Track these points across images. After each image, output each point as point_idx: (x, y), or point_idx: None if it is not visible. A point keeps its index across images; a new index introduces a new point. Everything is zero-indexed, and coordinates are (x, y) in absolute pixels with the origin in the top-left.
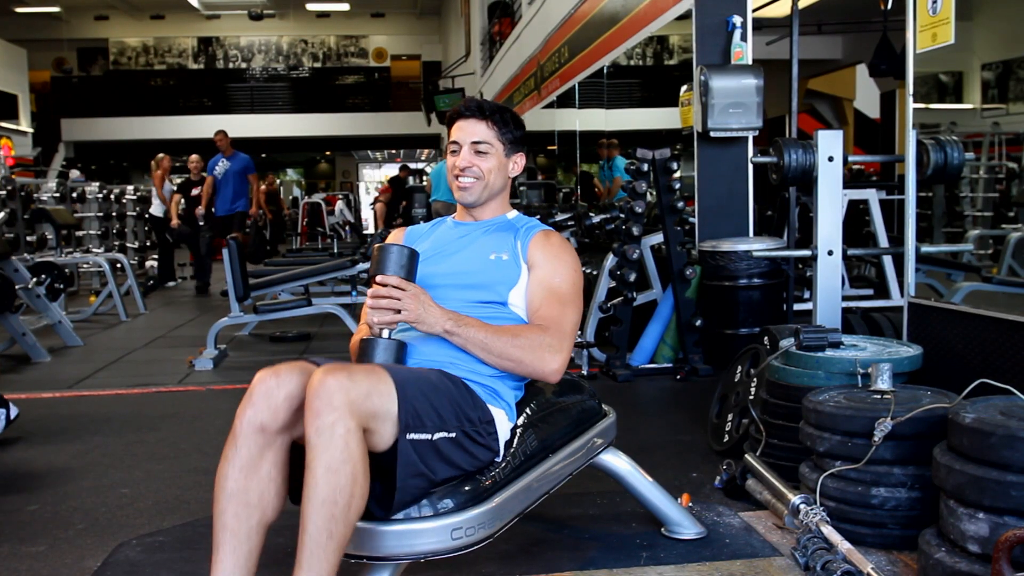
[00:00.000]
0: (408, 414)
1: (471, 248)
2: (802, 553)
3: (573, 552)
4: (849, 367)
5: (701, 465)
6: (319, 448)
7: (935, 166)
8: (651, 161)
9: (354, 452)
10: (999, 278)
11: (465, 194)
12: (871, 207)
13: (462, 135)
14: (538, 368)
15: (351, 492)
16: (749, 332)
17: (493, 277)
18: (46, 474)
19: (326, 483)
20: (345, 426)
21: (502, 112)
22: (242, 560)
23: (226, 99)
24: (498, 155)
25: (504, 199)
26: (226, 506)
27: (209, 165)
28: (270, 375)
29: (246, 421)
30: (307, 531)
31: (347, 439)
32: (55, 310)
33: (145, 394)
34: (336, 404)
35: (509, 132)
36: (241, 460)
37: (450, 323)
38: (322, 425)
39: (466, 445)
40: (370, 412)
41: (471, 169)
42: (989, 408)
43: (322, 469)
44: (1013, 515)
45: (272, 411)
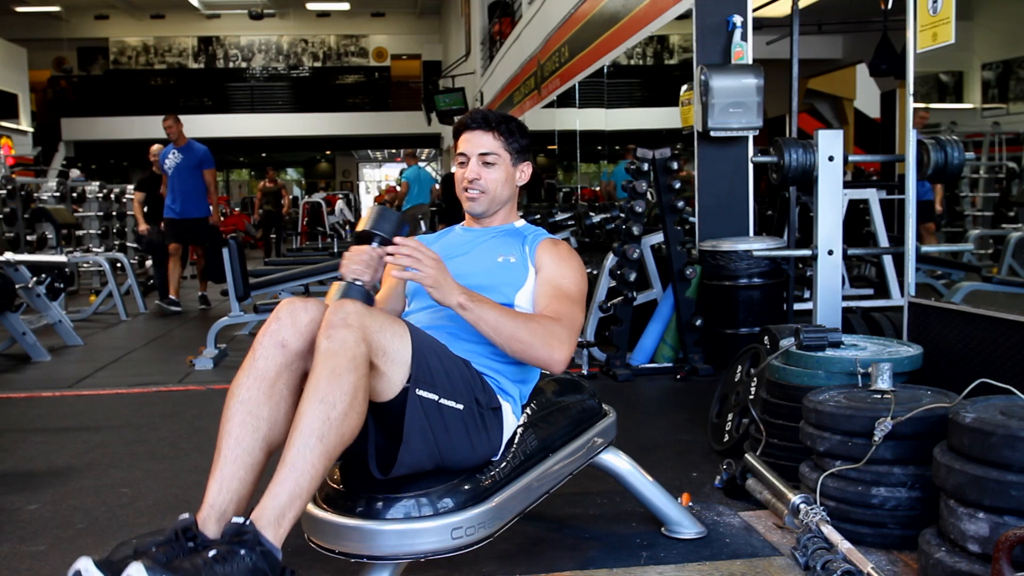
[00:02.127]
0: (419, 367)
1: (478, 250)
2: (802, 553)
3: (573, 551)
4: (849, 367)
5: (701, 465)
6: (327, 353)
7: (935, 166)
8: (651, 161)
9: (360, 366)
10: (999, 278)
11: (474, 205)
12: (871, 207)
13: (469, 147)
14: (544, 355)
15: (349, 402)
16: (749, 332)
17: (500, 279)
18: (46, 473)
19: (328, 384)
20: (356, 342)
21: (508, 122)
22: (240, 471)
23: (226, 98)
24: (505, 165)
25: (512, 208)
26: (234, 413)
27: (159, 158)
28: (298, 300)
29: (269, 334)
30: (299, 429)
31: (355, 352)
32: (55, 309)
33: (145, 393)
34: (351, 323)
35: (516, 141)
36: (257, 371)
37: (464, 297)
38: (334, 333)
39: (471, 425)
40: (381, 346)
41: (479, 182)
42: (989, 408)
43: (327, 371)
44: (1013, 515)
45: (296, 330)
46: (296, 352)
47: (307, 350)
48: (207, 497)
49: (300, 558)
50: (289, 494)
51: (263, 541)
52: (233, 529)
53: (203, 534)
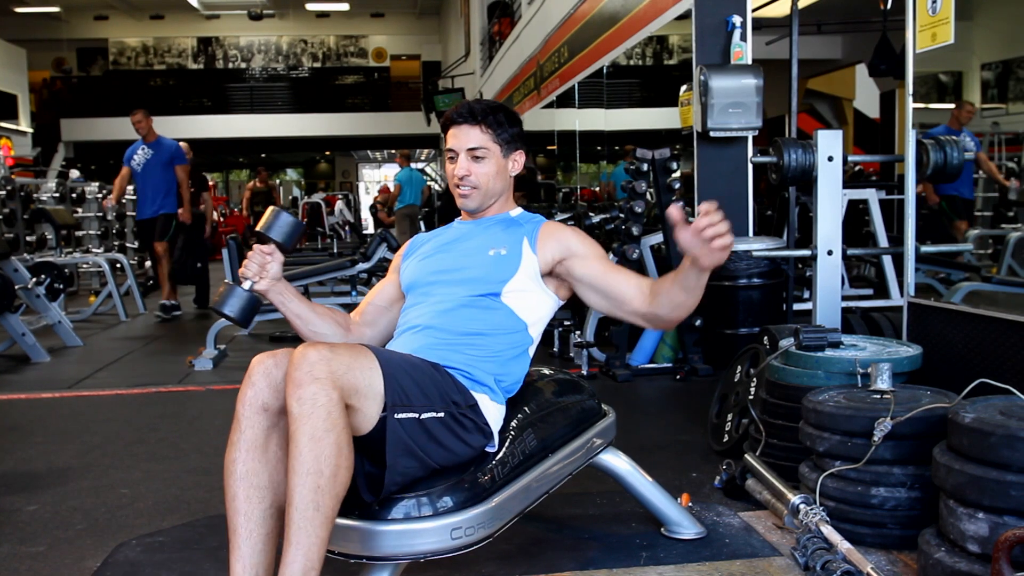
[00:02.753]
0: (394, 392)
1: (471, 244)
2: (802, 553)
3: (573, 552)
4: (849, 367)
5: (701, 465)
6: (301, 418)
7: (935, 166)
8: (651, 161)
9: (337, 422)
10: (999, 278)
11: (467, 201)
12: (871, 207)
13: (457, 142)
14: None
15: (336, 463)
16: (749, 332)
17: (489, 272)
18: (46, 474)
19: (310, 452)
20: (327, 395)
21: (495, 112)
22: (259, 544)
23: (226, 99)
24: (496, 158)
25: (508, 198)
26: (237, 490)
27: (126, 154)
28: (267, 357)
29: (247, 402)
30: (293, 504)
31: (329, 408)
32: (55, 310)
33: (145, 394)
34: (317, 374)
35: (505, 132)
36: (247, 442)
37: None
38: (304, 395)
39: (455, 428)
40: (352, 386)
41: (469, 178)
42: (989, 408)
43: (305, 438)
44: (1013, 515)
45: (273, 390)
46: (278, 411)
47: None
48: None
49: None
50: (302, 570)
51: None
52: None
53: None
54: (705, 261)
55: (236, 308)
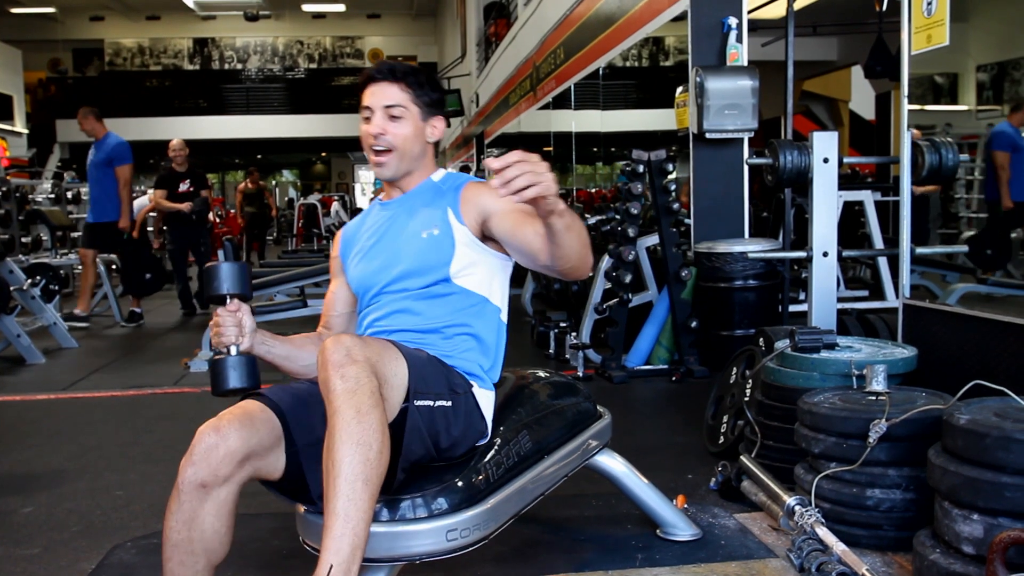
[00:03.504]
0: (416, 380)
1: (404, 231)
2: (797, 555)
3: (569, 554)
4: (844, 368)
5: (697, 467)
6: (347, 393)
7: (930, 167)
8: (647, 162)
9: (379, 401)
10: (994, 279)
11: (382, 170)
12: (866, 208)
13: (374, 99)
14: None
15: (382, 439)
16: (744, 333)
17: (429, 258)
18: (41, 476)
19: (359, 426)
20: (369, 377)
21: (416, 74)
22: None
23: (222, 100)
24: (414, 119)
25: (428, 166)
26: (172, 555)
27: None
28: (211, 431)
29: (187, 479)
30: (342, 475)
31: (371, 388)
32: (50, 312)
33: (140, 396)
34: (356, 357)
35: (425, 94)
36: (184, 514)
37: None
38: (348, 373)
39: (459, 415)
40: (384, 375)
41: (384, 137)
42: (983, 410)
43: (352, 411)
44: (1007, 516)
45: (212, 469)
46: (216, 484)
47: (231, 474)
48: None
49: (295, 560)
50: (351, 546)
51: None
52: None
53: None
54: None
55: (239, 378)
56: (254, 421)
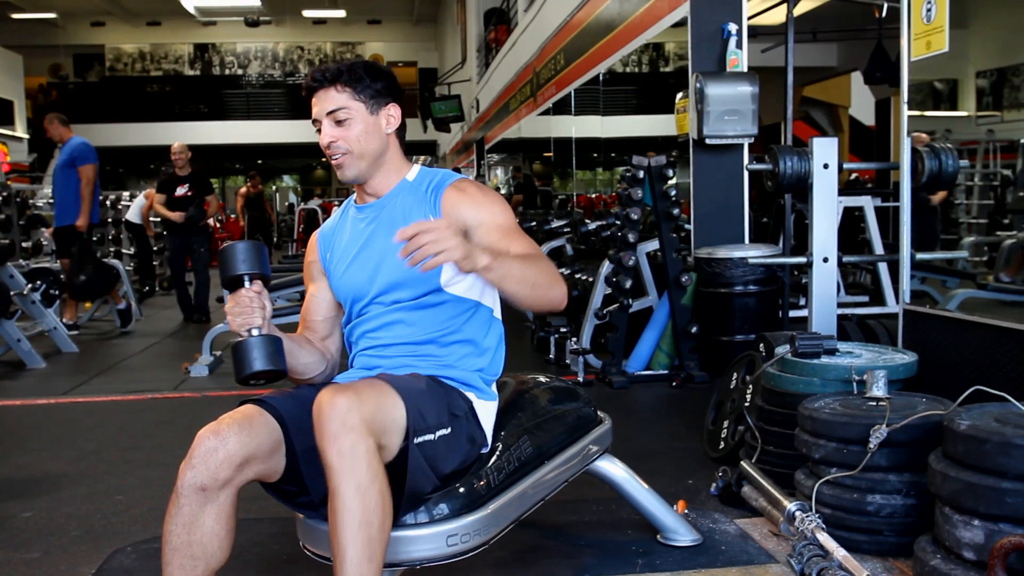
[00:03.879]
0: (415, 418)
1: (382, 244)
2: (798, 560)
3: (569, 559)
4: (844, 374)
5: (697, 472)
6: (344, 471)
7: (930, 173)
8: (647, 168)
9: (378, 471)
10: (994, 285)
11: (343, 171)
12: (866, 214)
13: (317, 109)
14: (560, 293)
15: (383, 511)
16: (745, 339)
17: (417, 271)
18: (41, 480)
19: (359, 505)
20: (365, 445)
21: (351, 69)
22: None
23: (222, 105)
24: (361, 117)
25: (395, 160)
26: (171, 559)
27: None
28: (210, 435)
29: (186, 482)
30: (347, 559)
31: (369, 459)
32: (50, 316)
33: (140, 400)
34: (352, 424)
35: (367, 88)
36: (183, 518)
37: (487, 257)
38: (343, 447)
39: (461, 438)
40: (382, 428)
41: (337, 144)
42: (984, 415)
43: (352, 491)
44: (1008, 522)
45: (211, 473)
46: (216, 488)
47: (230, 477)
48: None
49: (295, 565)
50: None
51: None
52: None
53: None
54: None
55: (265, 359)
56: (254, 425)
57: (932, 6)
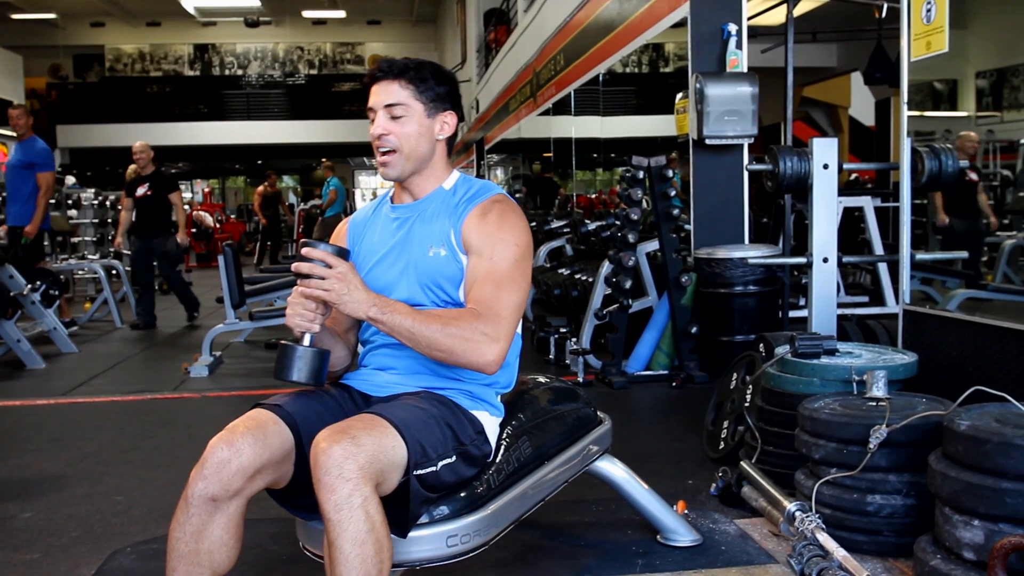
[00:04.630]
0: (415, 452)
1: (411, 244)
2: (798, 560)
3: (569, 560)
4: (844, 374)
5: (697, 472)
6: (341, 524)
7: (930, 174)
8: (647, 168)
9: (375, 520)
10: (994, 285)
11: (387, 170)
12: (866, 214)
13: (376, 99)
14: (472, 360)
15: (381, 559)
16: (745, 339)
17: (438, 276)
18: (40, 481)
19: (356, 557)
20: (362, 495)
21: (419, 68)
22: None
23: (222, 106)
24: (418, 117)
25: (438, 166)
26: (176, 566)
27: None
28: (224, 445)
29: (197, 492)
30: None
31: (366, 508)
32: (50, 317)
33: (140, 401)
34: (348, 475)
35: (429, 90)
36: (192, 527)
37: (375, 309)
38: (340, 500)
39: (464, 462)
40: (379, 471)
41: (388, 137)
42: (984, 415)
43: (349, 544)
44: (1008, 522)
45: (223, 484)
46: (227, 498)
47: (242, 488)
48: None
49: (296, 565)
50: None
51: None
52: None
53: None
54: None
55: (307, 373)
56: (267, 434)
57: (932, 6)
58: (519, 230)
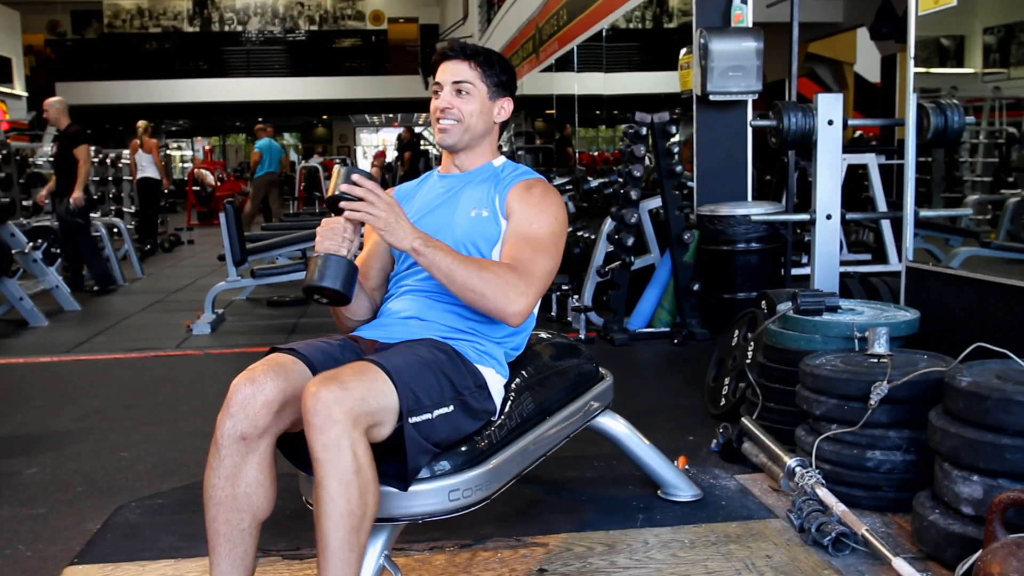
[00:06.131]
0: (408, 400)
1: (455, 205)
2: (797, 515)
3: (570, 514)
4: (846, 331)
5: (698, 428)
6: (328, 464)
7: (935, 130)
8: (650, 125)
9: (363, 461)
10: (997, 243)
11: (445, 136)
12: (870, 172)
13: (444, 76)
14: (500, 306)
15: (366, 501)
16: (747, 296)
17: (474, 234)
18: (45, 438)
19: (342, 497)
20: (350, 437)
21: (487, 54)
22: (238, 560)
23: (222, 62)
24: (481, 97)
25: (490, 145)
26: (216, 513)
27: None
28: (246, 382)
29: (226, 432)
30: (329, 548)
31: (354, 449)
32: (52, 275)
33: (143, 358)
34: (336, 417)
35: (494, 75)
36: (226, 470)
37: (419, 241)
38: (328, 441)
39: (463, 414)
40: (368, 414)
41: (451, 111)
42: (985, 372)
43: (335, 483)
44: (1007, 477)
45: (251, 420)
46: (257, 435)
47: (270, 425)
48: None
49: (299, 520)
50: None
51: None
52: None
53: None
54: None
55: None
56: (288, 371)
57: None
58: (559, 208)
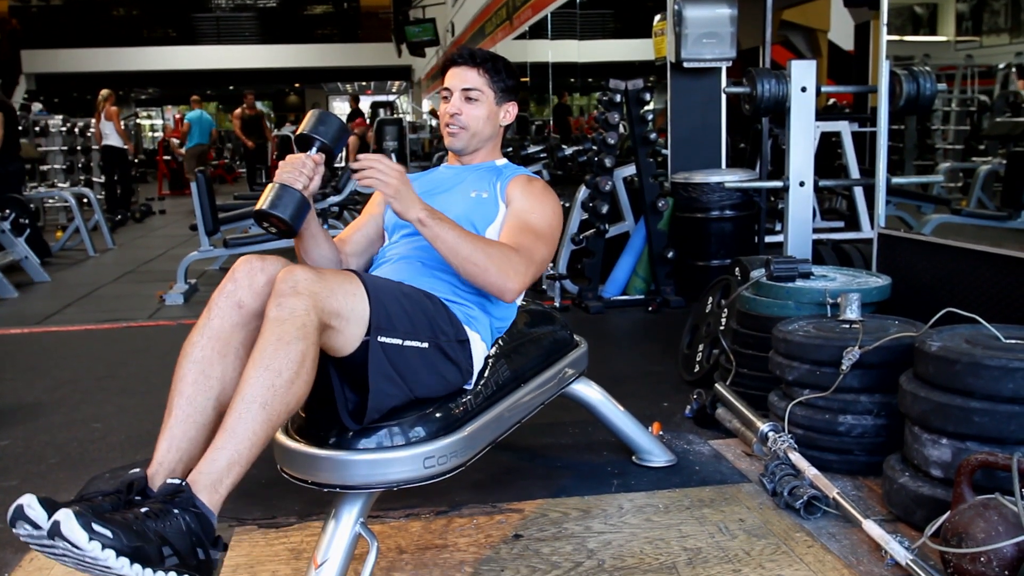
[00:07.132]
0: (379, 315)
1: (457, 187)
2: (770, 479)
3: (545, 480)
4: (819, 297)
5: (672, 395)
6: (275, 321)
7: (907, 97)
8: (624, 92)
9: (309, 335)
10: (968, 210)
11: (453, 140)
12: (843, 139)
13: (454, 82)
14: (499, 281)
15: (296, 371)
16: (720, 263)
17: (472, 213)
18: (16, 410)
19: (274, 351)
20: (305, 310)
21: (495, 60)
22: (191, 431)
23: (192, 29)
24: (488, 103)
25: (495, 147)
26: (186, 372)
27: None
28: (256, 259)
29: (225, 294)
30: (242, 395)
31: (305, 321)
32: (21, 246)
33: (115, 329)
34: (300, 290)
35: (501, 81)
36: (212, 330)
37: (424, 213)
38: (283, 302)
39: (438, 359)
40: (333, 310)
41: (460, 117)
42: (955, 337)
43: (273, 338)
44: (975, 440)
45: (253, 291)
46: (252, 312)
47: (263, 310)
48: (156, 454)
49: (274, 489)
50: (228, 460)
51: (198, 504)
52: (169, 488)
53: (150, 489)
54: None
55: (289, 211)
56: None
57: None
58: (557, 206)
